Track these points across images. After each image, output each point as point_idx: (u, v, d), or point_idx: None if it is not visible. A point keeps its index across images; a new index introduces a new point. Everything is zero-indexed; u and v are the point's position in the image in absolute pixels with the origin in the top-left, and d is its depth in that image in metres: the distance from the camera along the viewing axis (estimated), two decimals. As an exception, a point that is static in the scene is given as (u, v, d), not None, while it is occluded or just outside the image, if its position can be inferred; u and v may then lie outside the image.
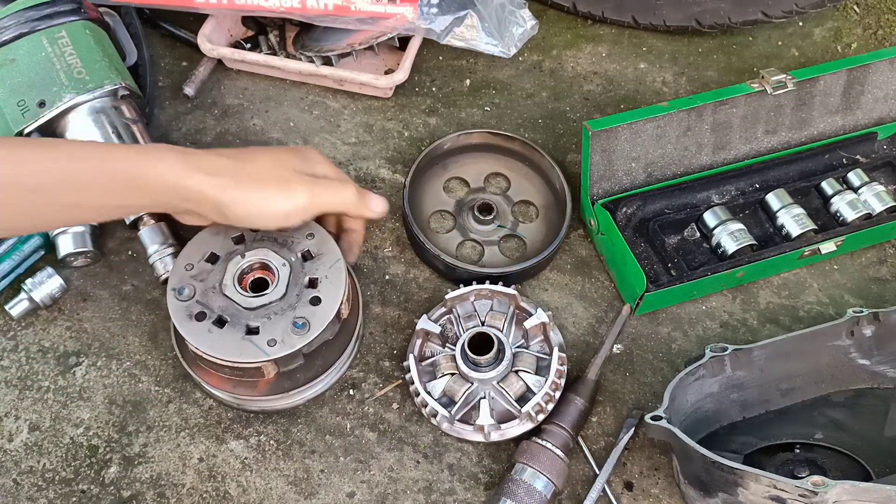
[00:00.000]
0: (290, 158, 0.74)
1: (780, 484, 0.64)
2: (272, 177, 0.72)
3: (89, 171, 0.66)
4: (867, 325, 0.82)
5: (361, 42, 0.99)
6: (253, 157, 0.73)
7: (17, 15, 0.84)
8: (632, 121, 0.88)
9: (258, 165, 0.72)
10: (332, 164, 0.79)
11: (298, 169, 0.74)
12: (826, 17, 1.19)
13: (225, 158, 0.71)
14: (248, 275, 0.77)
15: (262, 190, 0.71)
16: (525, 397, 0.80)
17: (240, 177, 0.70)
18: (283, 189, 0.72)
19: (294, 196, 0.73)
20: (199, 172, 0.68)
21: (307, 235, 0.79)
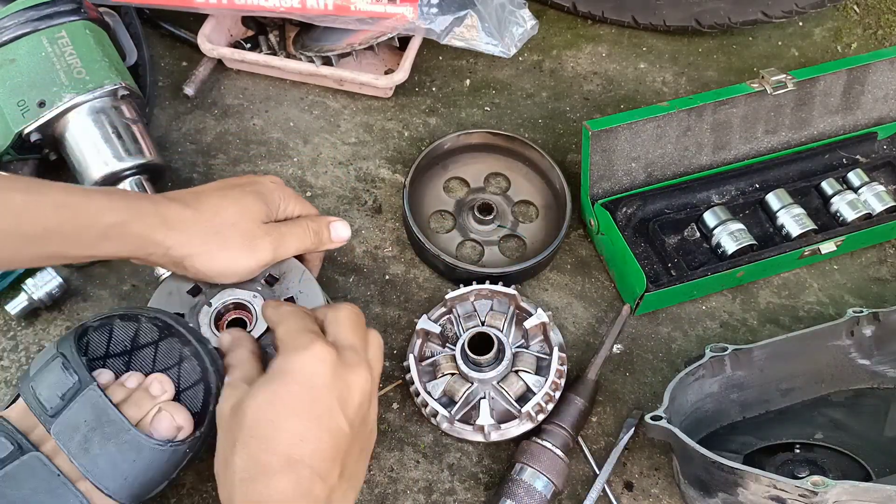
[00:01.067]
0: (253, 205, 0.73)
1: (780, 484, 0.64)
2: (237, 233, 0.71)
3: (71, 222, 0.65)
4: (867, 325, 0.83)
5: (361, 42, 0.99)
6: (218, 208, 0.71)
7: (17, 15, 0.84)
8: (632, 121, 0.88)
9: (223, 218, 0.70)
10: (291, 193, 0.78)
11: (263, 217, 0.73)
12: (826, 17, 1.19)
13: (190, 211, 0.69)
14: (223, 318, 0.75)
15: (227, 249, 0.70)
16: (525, 397, 0.80)
17: (206, 232, 0.69)
18: (247, 246, 0.71)
19: (258, 252, 0.72)
20: (167, 225, 0.68)
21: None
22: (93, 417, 0.61)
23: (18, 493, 0.59)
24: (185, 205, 0.70)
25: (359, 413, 0.61)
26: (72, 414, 0.61)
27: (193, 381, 0.66)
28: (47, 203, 0.64)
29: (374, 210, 0.97)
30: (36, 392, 0.63)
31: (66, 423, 0.61)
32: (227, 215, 0.71)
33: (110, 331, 0.67)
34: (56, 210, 0.64)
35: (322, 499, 0.57)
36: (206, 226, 0.69)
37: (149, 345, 0.67)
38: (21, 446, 0.61)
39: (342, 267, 0.92)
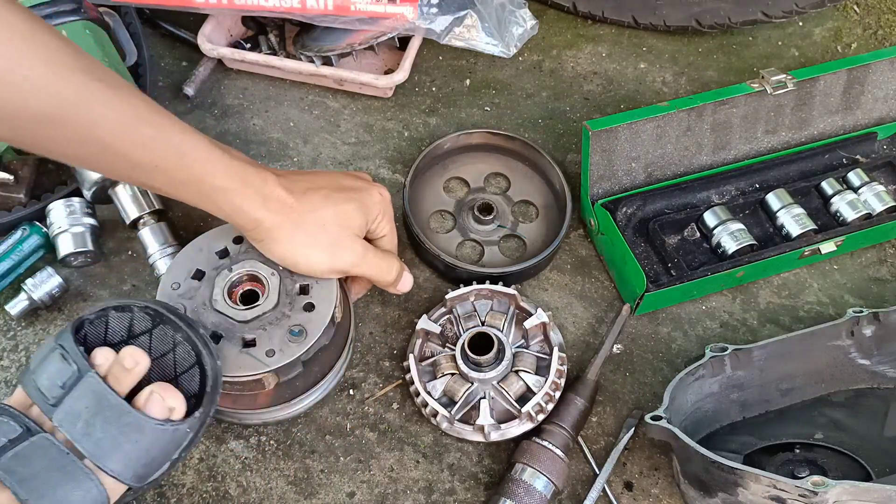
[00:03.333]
0: (352, 215, 0.75)
1: (780, 484, 0.64)
2: (326, 235, 0.73)
3: (184, 171, 0.67)
4: (867, 325, 0.83)
5: (361, 42, 0.99)
6: (317, 206, 0.73)
7: (17, 15, 0.84)
8: (632, 121, 0.88)
9: (318, 217, 0.72)
10: (390, 213, 0.80)
11: (357, 229, 0.75)
12: (826, 17, 1.19)
13: (292, 199, 0.71)
14: (238, 288, 0.76)
15: (313, 246, 0.73)
16: (525, 397, 0.80)
17: (298, 223, 0.72)
18: (329, 251, 0.73)
19: (337, 260, 0.74)
20: (266, 206, 0.70)
21: (306, 306, 0.78)
22: (93, 403, 0.62)
23: (29, 470, 0.60)
24: (289, 192, 0.71)
25: None
26: (73, 401, 0.62)
27: (189, 364, 0.68)
28: (170, 146, 0.65)
29: (374, 210, 0.97)
30: (37, 383, 0.64)
31: (68, 411, 0.62)
32: (323, 215, 0.73)
33: (106, 322, 0.69)
34: (176, 156, 0.65)
35: None
36: (300, 219, 0.71)
37: (143, 333, 0.68)
38: (29, 429, 0.62)
39: (342, 267, 0.92)
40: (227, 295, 0.75)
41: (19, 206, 0.88)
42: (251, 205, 0.69)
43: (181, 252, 0.79)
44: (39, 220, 0.88)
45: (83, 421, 0.62)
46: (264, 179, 0.70)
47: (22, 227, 0.87)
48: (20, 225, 0.88)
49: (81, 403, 0.62)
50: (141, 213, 0.86)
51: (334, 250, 0.74)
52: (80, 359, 0.64)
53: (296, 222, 0.71)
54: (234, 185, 0.68)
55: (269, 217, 0.70)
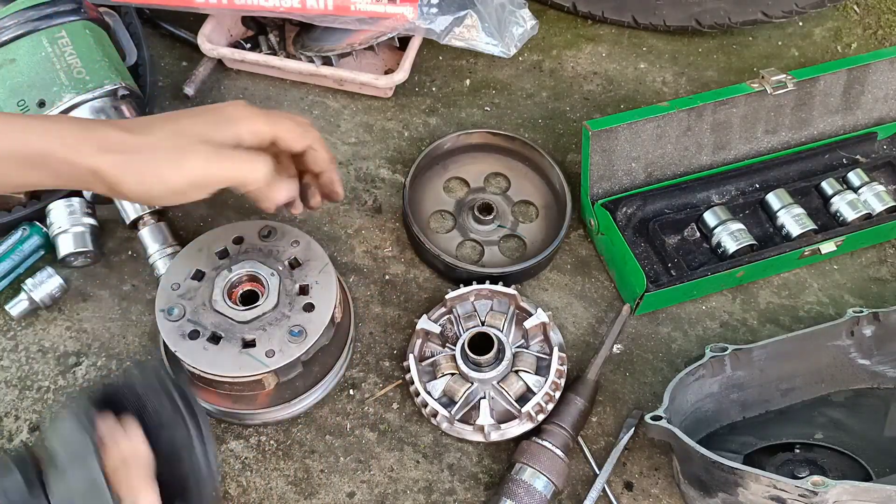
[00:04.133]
0: (195, 124, 0.68)
1: (780, 484, 0.64)
2: (166, 147, 0.66)
3: (24, 154, 0.63)
4: (867, 325, 0.83)
5: (361, 42, 0.99)
6: (151, 127, 0.67)
7: (17, 15, 0.84)
8: (632, 121, 0.88)
9: (155, 137, 0.66)
10: (261, 118, 0.70)
11: (203, 136, 0.67)
12: (826, 17, 1.19)
13: (121, 132, 0.66)
14: (238, 288, 0.77)
15: (152, 163, 0.65)
16: (525, 397, 0.80)
17: (132, 151, 0.65)
18: (174, 160, 0.66)
19: (185, 168, 0.66)
20: (93, 149, 0.64)
21: (292, 243, 0.78)
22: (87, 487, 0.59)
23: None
24: (124, 129, 0.66)
25: None
26: (70, 483, 0.59)
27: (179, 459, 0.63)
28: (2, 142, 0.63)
29: (374, 210, 0.97)
30: (48, 445, 0.62)
31: (65, 493, 0.59)
32: (159, 132, 0.67)
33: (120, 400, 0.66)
34: (8, 144, 0.62)
35: None
36: (134, 144, 0.65)
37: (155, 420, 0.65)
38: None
39: (342, 267, 0.92)
40: (226, 295, 0.75)
41: (19, 206, 0.88)
42: (81, 155, 0.64)
43: (181, 252, 0.79)
44: (39, 220, 0.88)
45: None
46: (88, 128, 0.66)
47: (22, 227, 0.87)
48: (20, 225, 0.88)
49: (78, 484, 0.59)
50: (141, 214, 0.86)
51: (178, 162, 0.66)
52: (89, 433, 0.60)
53: (130, 152, 0.65)
54: (55, 143, 0.64)
55: (106, 159, 0.64)
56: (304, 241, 0.78)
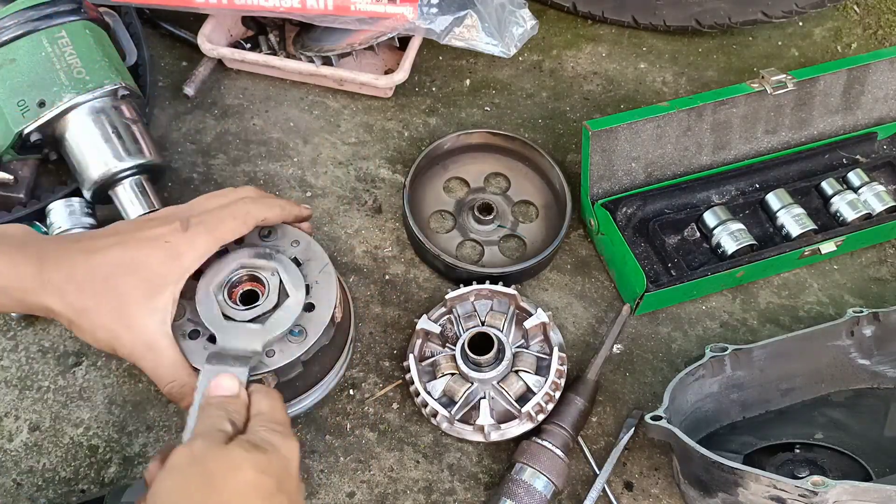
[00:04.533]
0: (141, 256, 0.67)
1: (780, 484, 0.64)
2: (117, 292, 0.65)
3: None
4: (867, 325, 0.83)
5: (361, 42, 0.99)
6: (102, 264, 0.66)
7: (17, 15, 0.84)
8: (632, 121, 0.88)
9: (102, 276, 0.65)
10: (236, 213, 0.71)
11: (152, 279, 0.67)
12: (826, 17, 1.19)
13: (66, 279, 0.64)
14: (238, 287, 0.75)
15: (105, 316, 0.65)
16: (525, 397, 0.80)
17: (85, 298, 0.65)
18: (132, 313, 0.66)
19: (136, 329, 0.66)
20: (50, 289, 0.64)
21: (292, 243, 0.78)
22: None
23: None
24: (70, 262, 0.65)
25: None
26: None
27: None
28: None
29: (374, 210, 0.97)
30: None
31: None
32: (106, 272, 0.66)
33: None
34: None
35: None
36: (84, 294, 0.65)
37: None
38: None
39: (342, 267, 0.92)
40: (226, 295, 0.74)
41: (19, 207, 0.88)
42: (31, 298, 0.64)
43: None
44: (39, 220, 0.88)
45: None
46: (39, 266, 0.64)
47: (22, 227, 0.87)
48: (20, 225, 0.88)
49: None
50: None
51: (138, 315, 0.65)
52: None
53: (88, 304, 0.64)
54: (6, 281, 0.64)
55: (54, 304, 0.64)
56: (305, 240, 0.78)
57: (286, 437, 0.61)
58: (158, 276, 0.66)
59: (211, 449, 0.57)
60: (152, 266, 0.66)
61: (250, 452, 0.57)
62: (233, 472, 0.56)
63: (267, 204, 0.74)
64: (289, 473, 0.59)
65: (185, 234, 0.68)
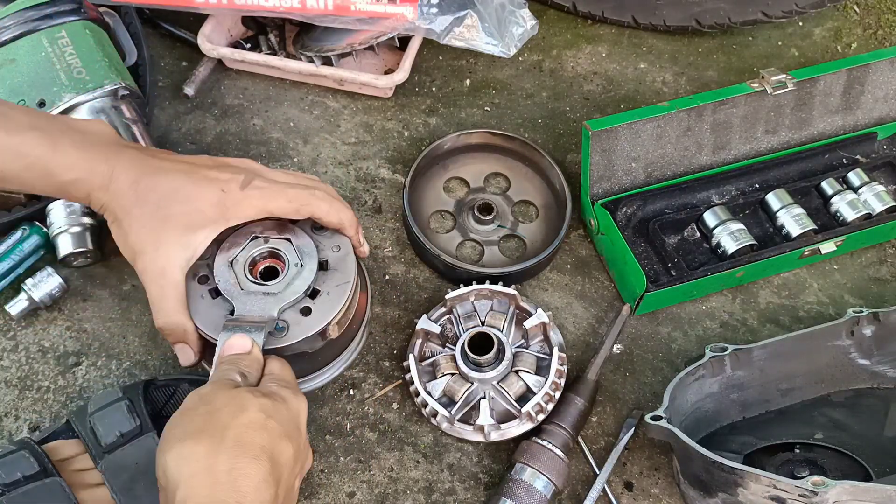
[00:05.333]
0: (197, 194, 0.70)
1: (780, 484, 0.64)
2: (169, 218, 0.69)
3: (31, 171, 0.66)
4: (867, 325, 0.83)
5: (361, 42, 0.99)
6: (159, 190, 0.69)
7: (17, 15, 0.84)
8: (632, 121, 0.88)
9: (160, 203, 0.69)
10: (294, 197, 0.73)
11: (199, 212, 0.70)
12: (826, 17, 1.19)
13: (133, 186, 0.68)
14: (259, 263, 0.76)
15: (148, 237, 0.68)
16: (525, 397, 0.80)
17: (138, 211, 0.68)
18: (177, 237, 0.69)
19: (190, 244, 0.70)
20: (108, 192, 0.68)
21: (333, 247, 0.77)
22: (145, 462, 0.63)
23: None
24: (133, 181, 0.68)
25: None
26: (125, 454, 0.64)
27: None
28: (12, 149, 0.65)
29: (374, 210, 0.97)
30: (94, 426, 0.67)
31: (117, 462, 0.64)
32: (164, 201, 0.69)
33: (173, 392, 0.71)
34: (20, 158, 0.65)
35: None
36: (140, 208, 0.68)
37: None
38: (45, 469, 0.64)
39: (342, 267, 0.92)
40: (248, 271, 0.75)
41: (19, 207, 0.88)
42: (100, 191, 0.68)
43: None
44: (39, 220, 0.88)
45: (129, 475, 0.63)
46: (111, 166, 0.68)
47: (22, 227, 0.87)
48: (20, 225, 0.88)
49: (133, 458, 0.64)
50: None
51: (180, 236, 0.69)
52: (144, 417, 0.66)
53: (136, 211, 0.68)
54: (84, 174, 0.67)
55: (111, 201, 0.68)
56: (345, 250, 0.77)
57: (295, 393, 0.64)
58: (201, 216, 0.69)
59: (219, 390, 0.60)
60: (201, 205, 0.69)
61: (257, 397, 0.60)
62: (239, 411, 0.58)
63: (332, 206, 0.75)
64: (296, 425, 0.62)
65: (241, 192, 0.70)
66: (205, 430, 0.57)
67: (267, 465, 0.56)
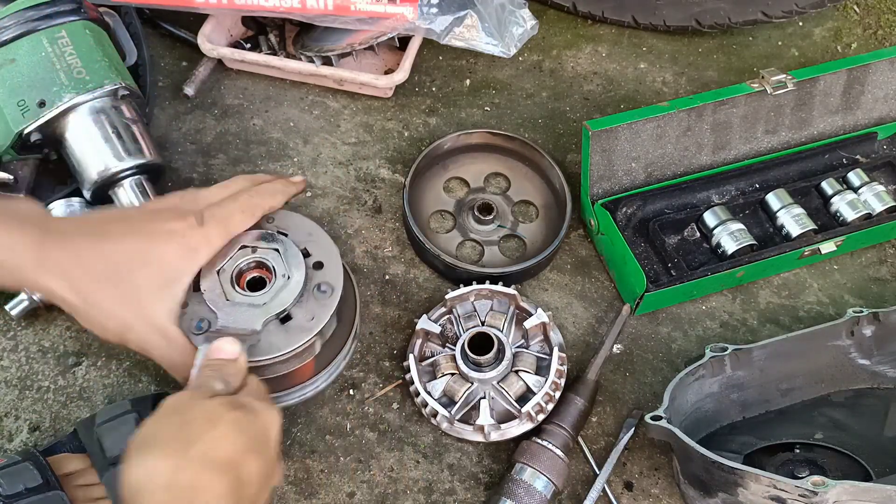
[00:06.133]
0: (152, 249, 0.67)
1: (780, 484, 0.64)
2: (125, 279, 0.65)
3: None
4: (867, 325, 0.83)
5: (361, 42, 0.99)
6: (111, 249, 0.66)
7: (17, 15, 0.84)
8: (632, 121, 0.88)
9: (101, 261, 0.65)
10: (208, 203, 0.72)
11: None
12: (826, 17, 1.19)
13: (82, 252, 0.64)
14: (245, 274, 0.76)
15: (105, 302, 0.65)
16: (525, 397, 0.80)
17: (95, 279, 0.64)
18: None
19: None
20: (53, 270, 0.63)
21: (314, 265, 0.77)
22: None
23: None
24: (76, 245, 0.64)
25: None
26: None
27: None
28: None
29: (374, 210, 0.97)
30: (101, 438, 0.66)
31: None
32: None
33: None
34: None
35: None
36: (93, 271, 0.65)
37: None
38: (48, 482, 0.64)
39: (342, 267, 0.92)
40: (234, 281, 0.75)
41: (19, 206, 0.88)
42: (31, 276, 0.63)
43: None
44: (39, 220, 0.88)
45: None
46: (41, 242, 0.63)
47: (22, 227, 0.87)
48: (20, 225, 0.87)
49: None
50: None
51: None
52: None
53: (97, 291, 0.65)
54: (5, 257, 0.62)
55: (53, 283, 0.64)
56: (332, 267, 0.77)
57: (269, 407, 0.62)
58: (174, 270, 0.67)
59: (194, 399, 0.59)
60: (168, 260, 0.67)
61: (230, 410, 0.58)
62: (210, 423, 0.57)
63: (269, 192, 0.75)
64: (266, 439, 0.60)
65: (201, 228, 0.69)
66: (172, 443, 0.56)
67: (230, 480, 0.55)
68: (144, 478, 0.54)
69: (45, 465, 0.66)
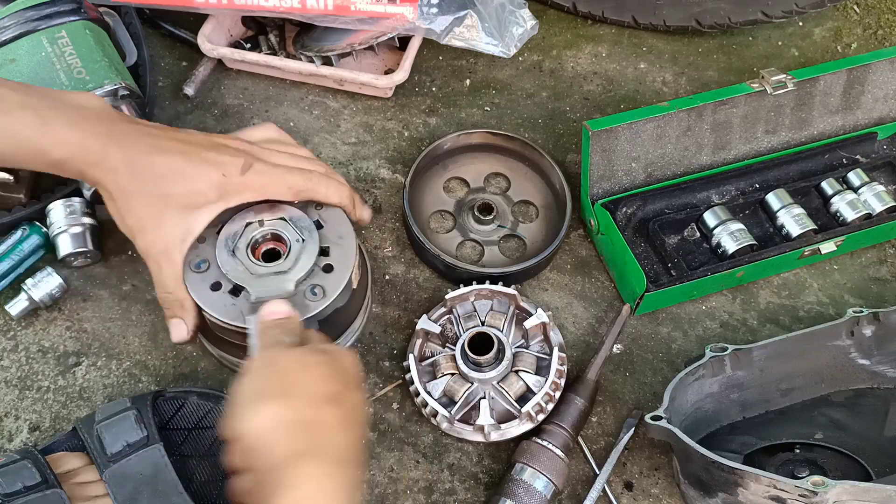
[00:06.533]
0: (206, 178, 0.70)
1: (780, 484, 0.64)
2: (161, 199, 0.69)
3: (22, 150, 0.66)
4: (867, 325, 0.83)
5: (361, 42, 0.99)
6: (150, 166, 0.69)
7: (17, 15, 0.84)
8: (632, 121, 0.88)
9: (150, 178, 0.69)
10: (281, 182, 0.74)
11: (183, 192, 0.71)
12: (826, 17, 1.19)
13: (125, 163, 0.68)
14: (261, 245, 0.77)
15: (142, 215, 0.69)
16: (525, 397, 0.80)
17: (131, 188, 0.68)
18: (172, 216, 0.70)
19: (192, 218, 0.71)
20: (100, 168, 0.67)
21: (316, 206, 0.78)
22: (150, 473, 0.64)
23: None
24: (126, 159, 0.68)
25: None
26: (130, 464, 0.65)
27: None
28: (3, 129, 0.65)
29: (374, 210, 0.97)
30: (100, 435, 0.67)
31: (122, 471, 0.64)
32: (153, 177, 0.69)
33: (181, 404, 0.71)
34: (11, 138, 0.65)
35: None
36: (131, 183, 0.68)
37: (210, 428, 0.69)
38: (47, 480, 0.64)
39: (342, 267, 0.92)
40: (250, 252, 0.75)
41: (19, 206, 0.88)
42: (92, 169, 0.67)
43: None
44: (39, 220, 0.88)
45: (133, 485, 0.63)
46: (104, 142, 0.67)
47: (22, 227, 0.87)
48: (20, 225, 0.88)
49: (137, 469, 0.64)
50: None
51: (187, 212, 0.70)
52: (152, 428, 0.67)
53: (134, 189, 0.68)
54: (75, 152, 0.67)
55: (105, 178, 0.68)
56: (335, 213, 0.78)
57: (341, 349, 0.66)
58: (202, 197, 0.70)
59: (279, 352, 0.62)
60: (201, 186, 0.70)
61: (313, 354, 0.61)
62: (302, 367, 0.60)
63: (330, 188, 0.76)
64: (353, 374, 0.63)
65: (241, 177, 0.71)
66: (276, 390, 0.58)
67: (342, 411, 0.59)
68: (267, 423, 0.56)
69: (43, 463, 0.66)
